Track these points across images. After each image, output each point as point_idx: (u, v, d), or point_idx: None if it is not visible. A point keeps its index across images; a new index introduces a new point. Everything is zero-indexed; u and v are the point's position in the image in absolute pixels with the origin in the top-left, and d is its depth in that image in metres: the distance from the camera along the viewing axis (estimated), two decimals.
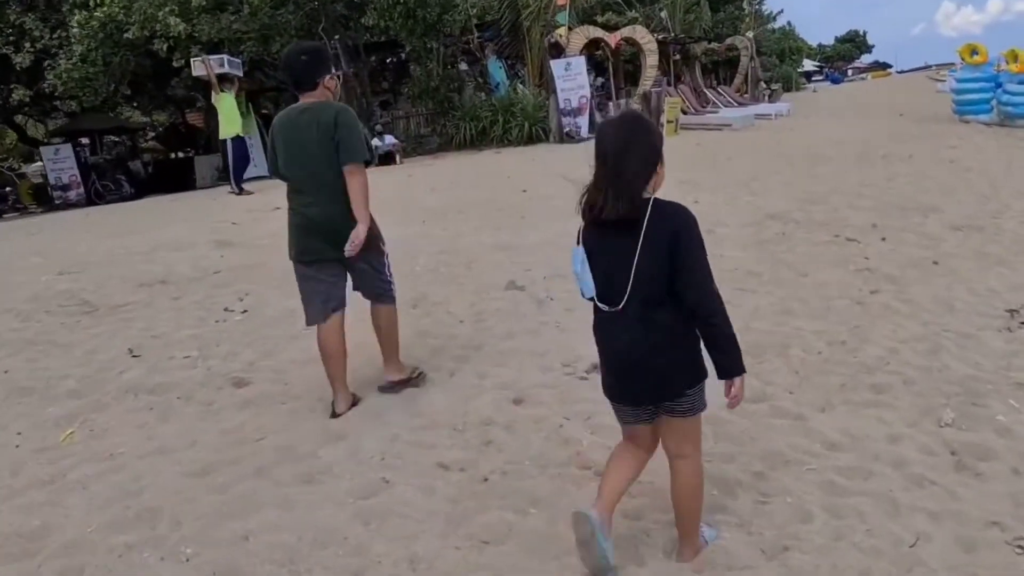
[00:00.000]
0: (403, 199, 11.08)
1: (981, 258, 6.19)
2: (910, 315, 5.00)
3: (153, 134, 33.99)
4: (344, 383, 3.79)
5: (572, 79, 17.16)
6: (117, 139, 28.61)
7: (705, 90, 25.15)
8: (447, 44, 18.05)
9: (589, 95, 17.31)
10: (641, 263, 2.23)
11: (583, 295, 2.43)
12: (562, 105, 17.15)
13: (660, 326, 2.30)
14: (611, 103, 18.56)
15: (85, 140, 24.61)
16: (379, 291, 3.82)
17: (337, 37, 16.98)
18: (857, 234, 6.97)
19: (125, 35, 14.71)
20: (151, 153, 32.15)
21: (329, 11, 17.09)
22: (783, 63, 49.29)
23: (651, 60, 18.36)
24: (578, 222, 2.44)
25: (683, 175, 11.18)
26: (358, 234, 3.44)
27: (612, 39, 18.06)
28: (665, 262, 2.22)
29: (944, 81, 46.52)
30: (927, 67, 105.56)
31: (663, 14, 28.74)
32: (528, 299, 5.70)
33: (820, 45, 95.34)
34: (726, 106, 24.38)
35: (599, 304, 2.38)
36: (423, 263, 7.06)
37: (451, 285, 6.32)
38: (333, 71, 3.61)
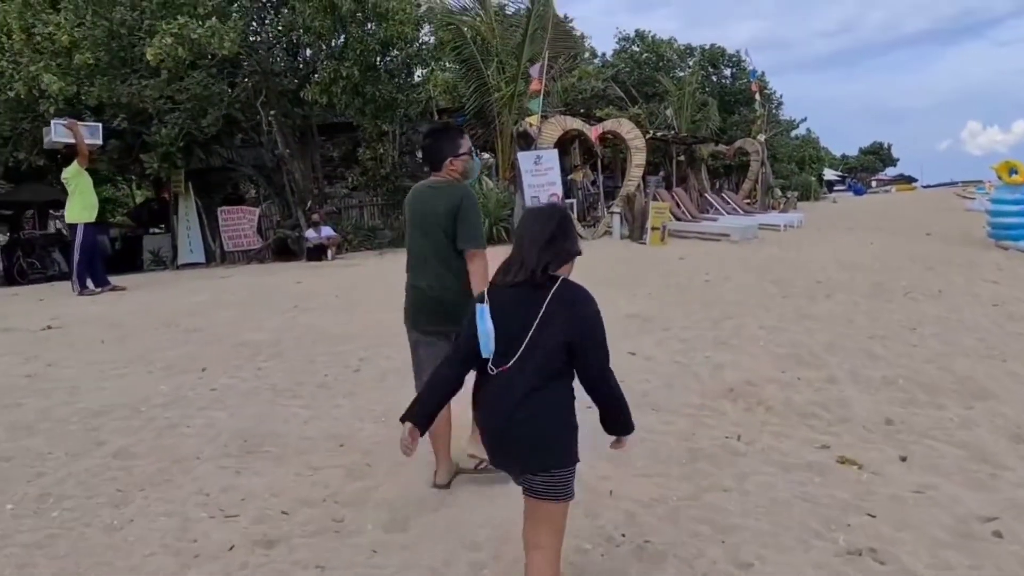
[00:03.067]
0: (241, 316, 8.62)
1: None
2: None
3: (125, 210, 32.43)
4: (448, 454, 3.73)
5: (542, 174, 15.00)
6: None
7: (707, 195, 22.94)
8: (405, 128, 16.03)
9: (561, 193, 15.05)
10: (538, 330, 2.32)
11: (480, 355, 2.41)
12: (529, 202, 14.88)
13: (541, 396, 2.33)
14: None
15: (29, 212, 22.98)
16: None
17: (273, 113, 15.01)
18: (858, 445, 4.29)
19: (9, 94, 12.76)
20: (120, 228, 30.51)
21: (272, 84, 15.17)
22: (802, 171, 47.55)
23: (637, 159, 16.19)
24: None
25: (639, 304, 8.62)
26: None
27: (593, 132, 15.95)
28: (560, 332, 2.32)
29: (974, 199, 44.67)
30: (953, 183, 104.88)
31: (668, 111, 27.04)
32: None
33: (844, 155, 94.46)
34: (729, 214, 22.10)
35: (489, 365, 2.40)
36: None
37: None
38: (460, 151, 3.62)
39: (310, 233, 14.92)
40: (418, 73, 17.18)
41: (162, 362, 6.45)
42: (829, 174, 69.15)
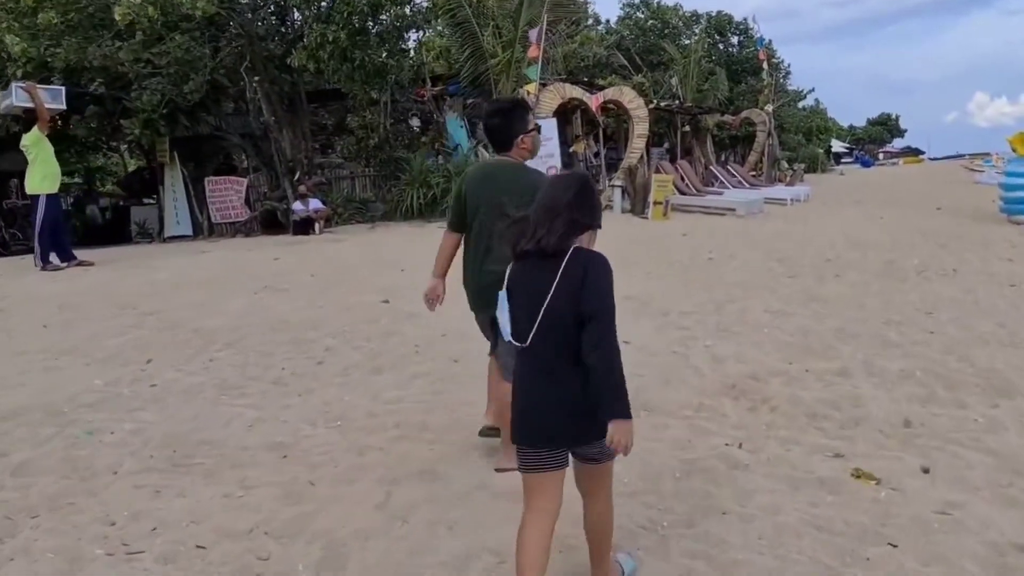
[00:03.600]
0: (206, 298, 8.16)
1: None
2: None
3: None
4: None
5: (541, 145, 14.39)
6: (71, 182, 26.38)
7: (712, 167, 22.33)
8: (397, 96, 15.41)
9: (559, 165, 14.50)
10: (553, 301, 2.26)
11: (503, 337, 2.42)
12: None
13: (570, 369, 2.25)
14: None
15: (13, 181, 22.44)
16: (506, 363, 3.37)
17: (257, 79, 14.41)
18: (874, 453, 3.84)
19: None
20: (111, 198, 29.96)
21: (257, 49, 14.55)
22: (810, 142, 46.72)
23: (639, 128, 15.60)
24: None
25: (637, 285, 8.15)
26: None
27: (594, 101, 15.34)
28: (575, 301, 2.23)
29: (983, 171, 43.90)
30: (960, 156, 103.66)
31: (673, 80, 26.32)
32: None
33: (851, 126, 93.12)
34: (735, 187, 21.52)
35: (514, 343, 2.37)
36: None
37: None
38: (530, 128, 3.55)
39: (297, 206, 14.41)
40: (412, 38, 16.58)
41: (104, 352, 5.87)
42: (837, 146, 68.18)
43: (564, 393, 2.28)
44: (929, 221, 15.82)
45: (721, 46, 36.52)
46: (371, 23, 14.34)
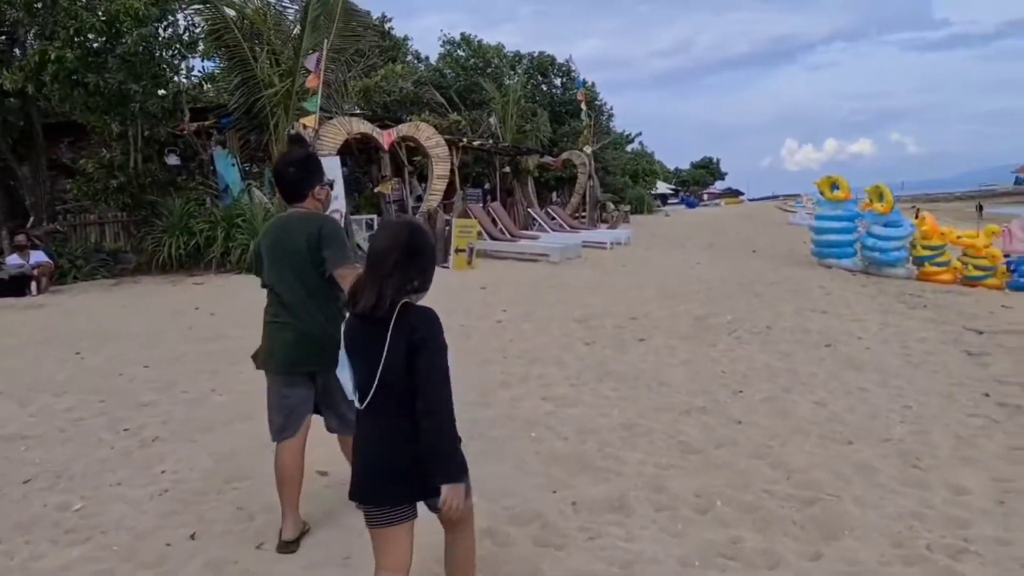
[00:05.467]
0: None
1: None
2: None
3: None
4: (296, 505, 3.41)
5: None
6: None
7: (531, 210, 21.42)
8: (150, 128, 13.09)
9: (344, 208, 12.75)
10: (388, 360, 2.24)
11: (347, 397, 2.42)
12: None
13: (410, 427, 2.25)
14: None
15: None
16: (348, 419, 3.26)
17: None
18: None
19: None
20: None
21: None
22: (636, 184, 47.96)
23: (439, 169, 14.20)
24: None
25: None
26: None
27: (386, 137, 13.79)
28: (406, 360, 2.24)
29: (795, 212, 46.88)
30: (775, 197, 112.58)
31: (492, 119, 25.46)
32: None
33: (677, 169, 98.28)
34: (555, 230, 20.68)
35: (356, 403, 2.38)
36: None
37: None
38: (325, 179, 3.55)
39: (12, 259, 11.65)
40: (189, 64, 14.36)
41: None
42: (663, 187, 71.24)
43: (404, 452, 2.27)
44: (745, 266, 15.50)
45: (544, 87, 36.46)
46: (110, 43, 12.03)
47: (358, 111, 16.37)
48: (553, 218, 21.88)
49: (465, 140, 17.90)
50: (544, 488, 4.00)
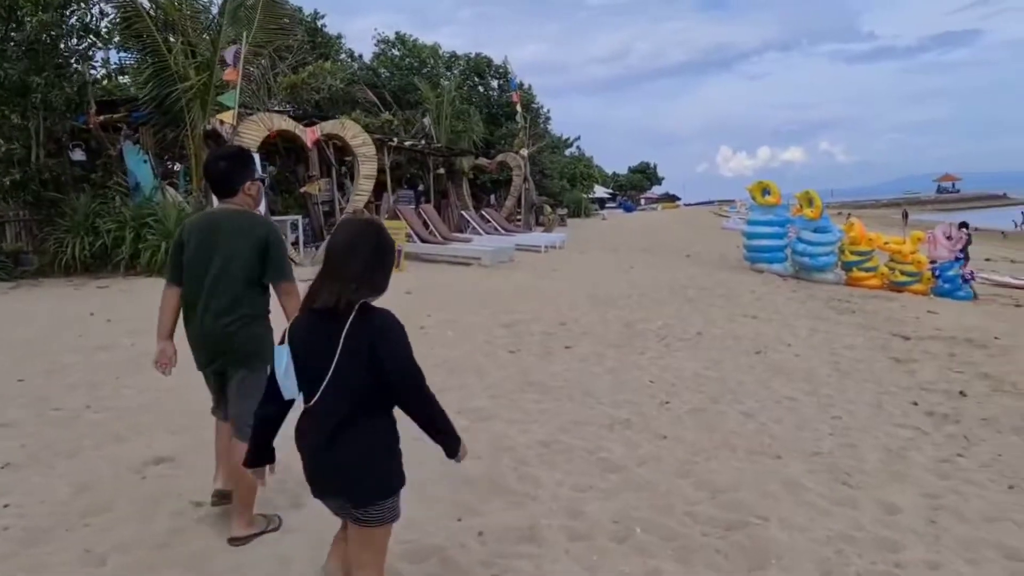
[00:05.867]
0: None
1: None
2: None
3: None
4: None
5: None
6: None
7: (465, 213, 21.03)
8: (53, 121, 12.23)
9: (266, 207, 12.14)
10: (341, 360, 2.21)
11: (283, 397, 2.33)
12: None
13: (353, 430, 2.25)
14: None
15: None
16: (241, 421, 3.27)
17: None
18: None
19: None
20: None
21: None
22: (574, 188, 48.02)
23: (365, 169, 13.68)
24: None
25: None
26: None
27: (309, 135, 13.21)
28: (365, 364, 2.20)
29: (728, 217, 47.67)
30: (711, 202, 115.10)
31: (426, 120, 24.99)
32: None
33: (615, 173, 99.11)
34: (489, 233, 20.33)
35: (301, 402, 2.33)
36: None
37: None
38: (256, 175, 3.53)
39: None
40: (100, 55, 13.50)
41: None
42: (601, 191, 71.67)
43: (351, 450, 2.25)
44: (678, 270, 15.43)
45: (481, 89, 36.14)
46: (10, 31, 11.18)
47: (286, 108, 15.69)
48: (487, 221, 21.53)
49: (396, 140, 17.36)
50: (449, 516, 3.63)
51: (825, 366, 7.44)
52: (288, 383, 2.29)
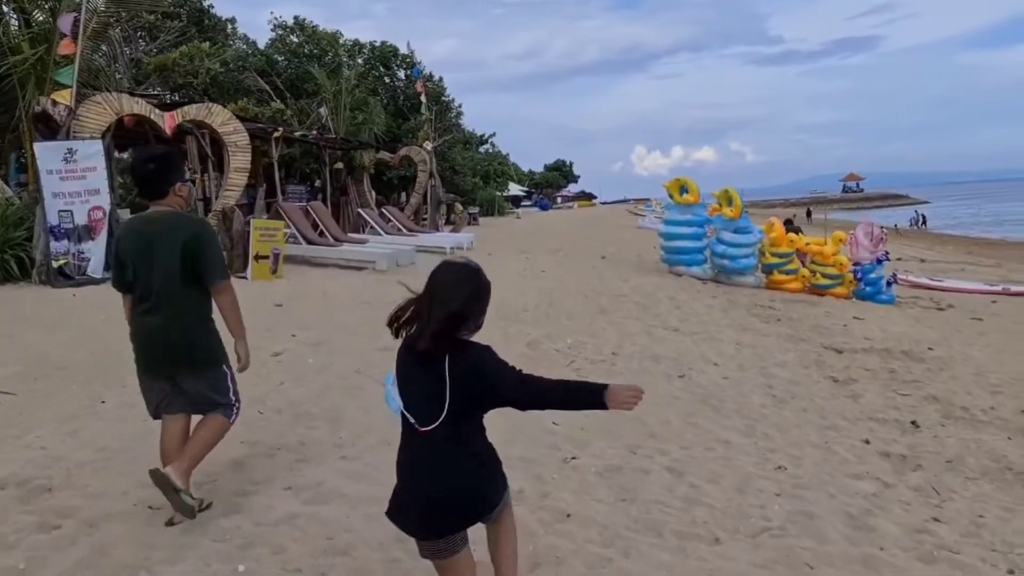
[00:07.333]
0: None
1: None
2: None
3: None
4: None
5: (78, 177, 10.21)
6: None
7: (363, 211, 19.45)
8: None
9: (108, 206, 10.39)
10: (453, 395, 2.29)
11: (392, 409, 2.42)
12: (53, 220, 10.03)
13: (468, 455, 2.38)
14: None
15: None
16: (215, 404, 3.54)
17: None
18: None
19: None
20: None
21: None
22: (488, 186, 46.80)
23: (237, 161, 12.04)
24: None
25: (110, 421, 4.57)
26: (245, 355, 3.54)
27: (167, 120, 11.47)
28: (471, 396, 2.32)
29: (644, 216, 47.42)
30: (626, 200, 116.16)
31: (323, 110, 23.23)
32: None
33: (531, 171, 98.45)
34: (391, 234, 18.85)
35: (410, 422, 2.37)
36: None
37: None
38: (186, 176, 3.61)
39: None
40: None
41: None
42: (516, 189, 70.74)
43: (469, 477, 2.36)
44: (593, 274, 14.38)
45: (387, 79, 34.43)
46: None
47: (156, 93, 13.82)
48: (388, 220, 20.01)
49: (280, 130, 15.70)
50: None
51: (758, 391, 6.44)
52: (396, 406, 2.39)
